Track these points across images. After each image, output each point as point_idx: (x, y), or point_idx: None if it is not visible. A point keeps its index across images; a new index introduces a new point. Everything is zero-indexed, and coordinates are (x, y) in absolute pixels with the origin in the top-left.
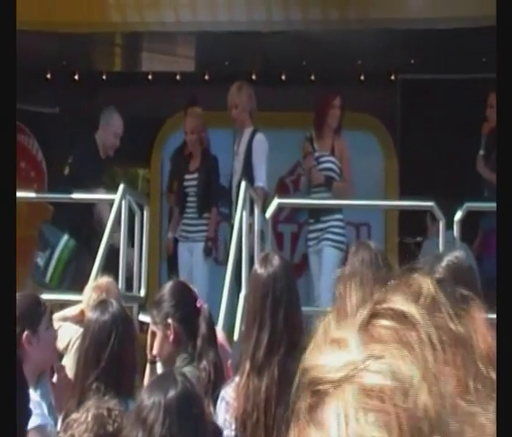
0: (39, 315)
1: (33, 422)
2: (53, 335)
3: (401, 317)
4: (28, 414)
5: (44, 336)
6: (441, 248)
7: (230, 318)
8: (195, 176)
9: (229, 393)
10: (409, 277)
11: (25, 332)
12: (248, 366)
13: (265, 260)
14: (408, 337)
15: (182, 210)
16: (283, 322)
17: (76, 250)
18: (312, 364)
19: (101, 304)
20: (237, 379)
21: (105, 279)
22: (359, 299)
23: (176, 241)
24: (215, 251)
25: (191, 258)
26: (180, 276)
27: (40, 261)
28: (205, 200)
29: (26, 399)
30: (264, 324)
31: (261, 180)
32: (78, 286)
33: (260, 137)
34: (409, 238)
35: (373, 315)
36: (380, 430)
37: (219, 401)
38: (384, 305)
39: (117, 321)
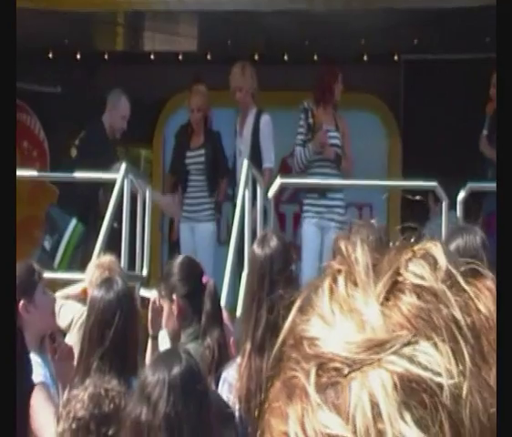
0: (34, 282)
1: (37, 378)
2: (50, 299)
3: (429, 294)
4: (29, 372)
5: (40, 302)
6: (444, 228)
7: (232, 297)
8: (199, 152)
9: (231, 374)
10: (422, 245)
11: (22, 301)
12: (249, 346)
13: (263, 241)
14: (440, 320)
15: (185, 189)
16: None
17: (85, 235)
18: (319, 335)
19: (106, 282)
20: (239, 359)
21: (107, 258)
22: (370, 263)
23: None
24: (218, 231)
25: (193, 238)
26: None
27: (47, 245)
28: (210, 178)
29: (28, 362)
30: (262, 304)
31: (269, 161)
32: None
33: (266, 118)
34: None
35: (395, 288)
36: (419, 432)
37: (221, 382)
38: (407, 277)
39: (121, 300)
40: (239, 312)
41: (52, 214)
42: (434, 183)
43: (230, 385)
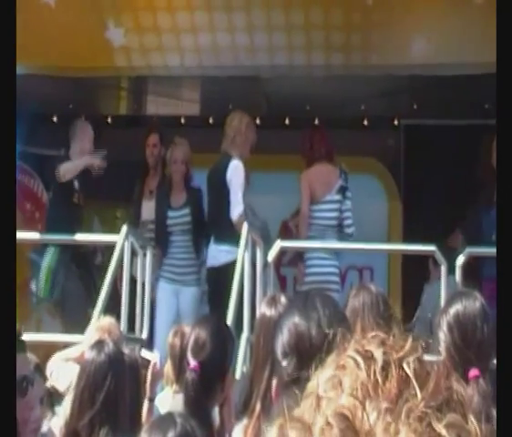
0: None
1: None
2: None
3: None
4: None
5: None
6: (443, 292)
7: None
8: (184, 212)
9: (237, 434)
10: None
11: None
12: (258, 407)
13: (273, 302)
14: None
15: (166, 250)
16: None
17: (63, 257)
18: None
19: (97, 345)
20: (245, 421)
21: (107, 320)
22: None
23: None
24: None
25: (177, 301)
26: (167, 320)
27: (33, 286)
28: (196, 239)
29: None
30: (273, 366)
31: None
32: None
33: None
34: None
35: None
36: None
37: None
38: None
39: (112, 363)
40: (238, 375)
41: (34, 258)
42: (432, 247)
43: None
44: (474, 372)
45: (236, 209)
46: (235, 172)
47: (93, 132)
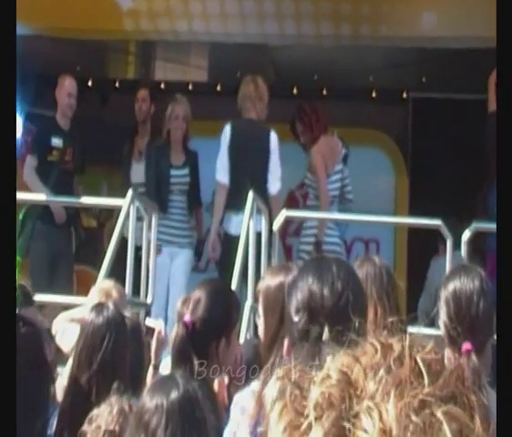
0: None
1: None
2: None
3: None
4: None
5: None
6: (448, 267)
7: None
8: (183, 172)
9: (245, 398)
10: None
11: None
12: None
13: (282, 269)
14: None
15: (165, 211)
16: None
17: (30, 215)
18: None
19: (97, 307)
20: (255, 386)
21: (110, 283)
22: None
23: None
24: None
25: (171, 264)
26: (163, 284)
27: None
28: (192, 200)
29: None
30: (284, 335)
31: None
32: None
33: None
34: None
35: None
36: None
37: (233, 404)
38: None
39: (111, 326)
40: (241, 341)
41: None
42: (438, 222)
43: (242, 408)
44: (466, 346)
45: (276, 184)
46: (276, 146)
47: (73, 87)
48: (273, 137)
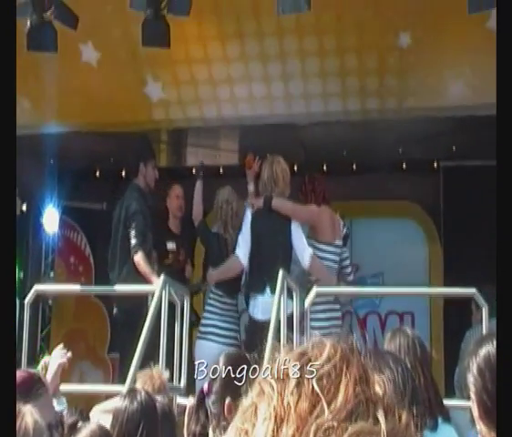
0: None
1: None
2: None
3: None
4: None
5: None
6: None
7: None
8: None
9: None
10: None
11: None
12: None
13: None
14: None
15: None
16: None
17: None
18: None
19: (130, 393)
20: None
21: (153, 369)
22: None
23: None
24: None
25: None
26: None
27: None
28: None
29: None
30: None
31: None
32: None
33: None
34: None
35: None
36: None
37: None
38: None
39: (145, 411)
40: None
41: None
42: (473, 290)
43: None
44: None
45: (306, 256)
46: (297, 223)
47: (180, 190)
48: None
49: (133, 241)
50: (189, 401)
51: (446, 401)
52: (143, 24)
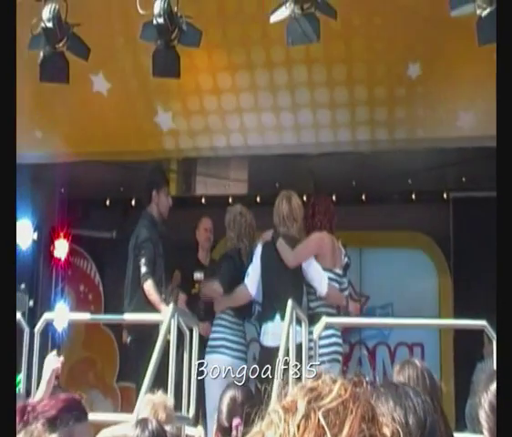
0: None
1: None
2: None
3: None
4: None
5: None
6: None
7: None
8: None
9: None
10: None
11: None
12: None
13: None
14: None
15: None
16: None
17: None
18: None
19: (141, 422)
20: None
21: (158, 397)
22: None
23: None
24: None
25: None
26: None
27: None
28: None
29: None
30: None
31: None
32: None
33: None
34: None
35: None
36: None
37: None
38: None
39: None
40: None
41: None
42: (483, 322)
43: None
44: None
45: (323, 285)
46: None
47: (209, 223)
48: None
49: (143, 270)
50: (198, 431)
51: (457, 435)
52: (153, 54)
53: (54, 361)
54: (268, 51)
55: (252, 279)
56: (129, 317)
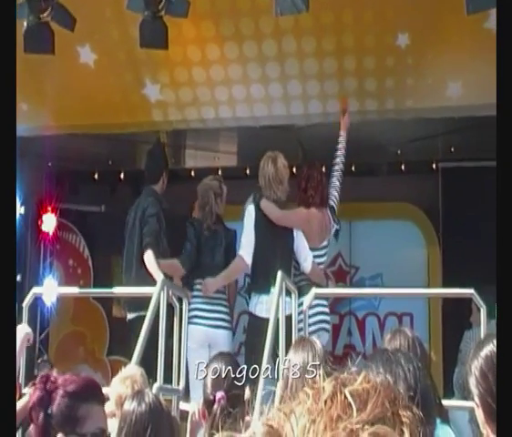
0: None
1: None
2: None
3: None
4: None
5: None
6: (482, 337)
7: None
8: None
9: None
10: None
11: None
12: None
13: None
14: None
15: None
16: None
17: None
18: None
19: (138, 395)
20: None
21: (133, 370)
22: None
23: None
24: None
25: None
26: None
27: None
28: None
29: None
30: None
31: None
32: None
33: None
34: None
35: None
36: None
37: None
38: None
39: (153, 412)
40: None
41: None
42: (471, 290)
43: None
44: None
45: (307, 261)
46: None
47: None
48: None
49: (146, 239)
50: (192, 407)
51: (445, 402)
52: (141, 25)
53: (24, 331)
54: (256, 22)
55: (247, 249)
56: (119, 290)
